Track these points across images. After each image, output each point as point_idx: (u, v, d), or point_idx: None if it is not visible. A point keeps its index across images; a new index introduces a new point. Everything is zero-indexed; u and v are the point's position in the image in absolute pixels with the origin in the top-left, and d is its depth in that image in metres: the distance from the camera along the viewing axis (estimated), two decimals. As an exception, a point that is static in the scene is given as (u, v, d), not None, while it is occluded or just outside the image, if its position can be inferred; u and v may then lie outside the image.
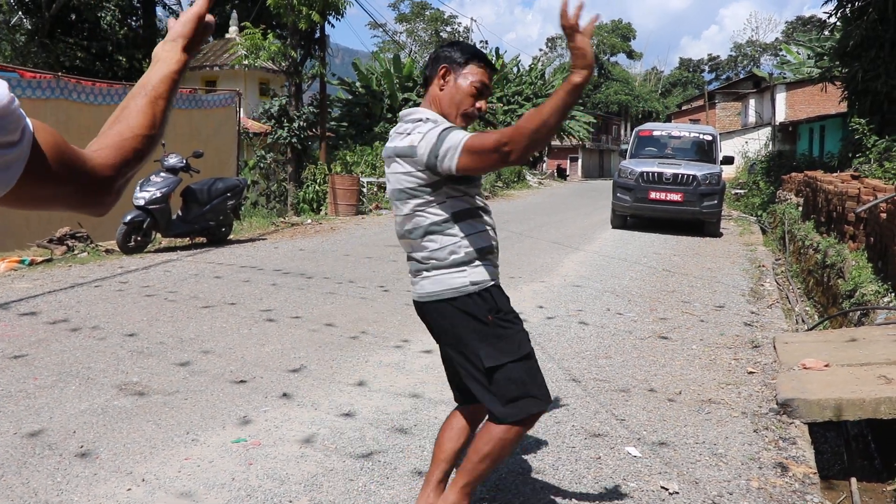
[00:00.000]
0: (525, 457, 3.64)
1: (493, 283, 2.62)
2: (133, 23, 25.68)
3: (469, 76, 2.65)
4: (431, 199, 2.56)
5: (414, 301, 2.72)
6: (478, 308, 2.56)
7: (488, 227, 2.68)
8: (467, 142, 2.42)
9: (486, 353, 2.55)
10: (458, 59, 2.66)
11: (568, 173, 54.22)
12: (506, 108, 37.38)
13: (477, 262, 2.59)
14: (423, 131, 2.53)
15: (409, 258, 2.69)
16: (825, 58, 22.24)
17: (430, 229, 2.58)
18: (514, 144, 2.35)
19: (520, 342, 2.61)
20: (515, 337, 2.60)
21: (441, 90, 2.67)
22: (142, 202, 9.74)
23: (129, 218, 9.70)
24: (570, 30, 2.28)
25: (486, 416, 2.67)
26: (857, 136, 14.49)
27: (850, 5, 15.93)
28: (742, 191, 26.50)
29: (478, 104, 2.67)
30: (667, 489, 3.31)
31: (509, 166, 2.57)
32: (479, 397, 2.61)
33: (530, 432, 3.94)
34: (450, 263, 2.57)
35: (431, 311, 2.64)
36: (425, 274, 2.61)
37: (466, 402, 2.84)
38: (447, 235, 2.57)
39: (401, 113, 2.77)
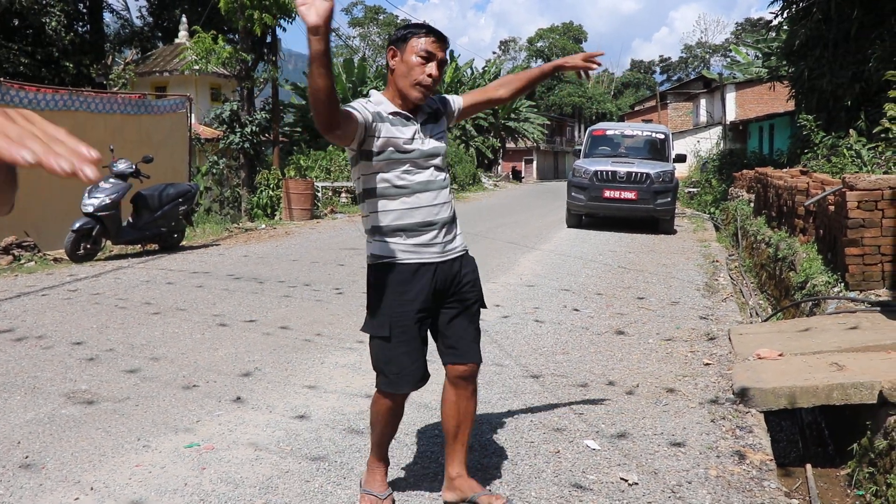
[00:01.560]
0: (483, 453, 3.61)
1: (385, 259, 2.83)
2: (80, 28, 25.14)
3: (413, 48, 2.75)
4: (357, 171, 2.86)
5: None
6: None
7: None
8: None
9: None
10: (400, 36, 2.79)
11: (523, 175, 54.52)
12: (461, 111, 37.46)
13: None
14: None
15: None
16: (772, 58, 22.68)
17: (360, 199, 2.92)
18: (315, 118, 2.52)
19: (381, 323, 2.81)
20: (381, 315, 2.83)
21: (393, 71, 2.79)
22: (90, 209, 9.52)
23: (77, 225, 9.47)
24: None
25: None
26: (804, 133, 14.76)
27: (795, 6, 16.24)
28: (695, 189, 26.87)
29: (427, 70, 2.75)
30: (626, 480, 3.31)
31: (331, 139, 2.72)
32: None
33: (488, 426, 3.92)
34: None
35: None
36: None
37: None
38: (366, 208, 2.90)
39: None
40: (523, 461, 3.51)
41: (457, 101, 3.08)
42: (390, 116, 2.76)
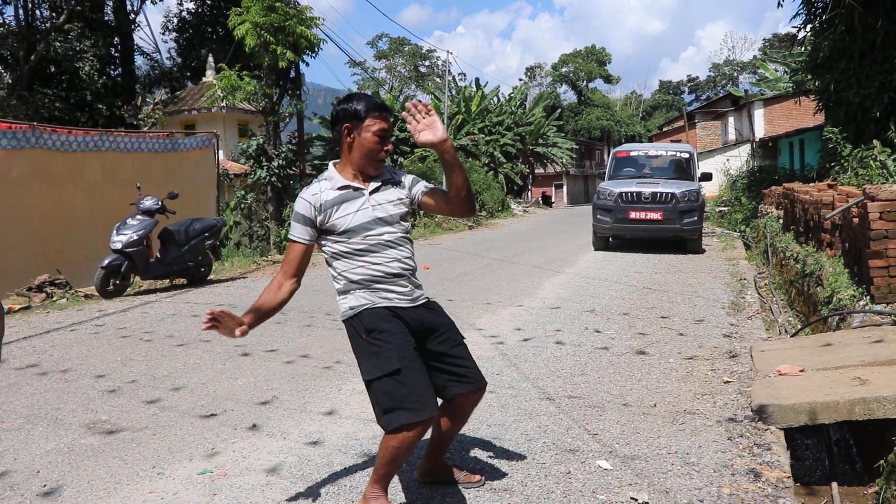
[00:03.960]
0: (494, 474, 3.59)
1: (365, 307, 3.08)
2: (111, 72, 25.76)
3: (370, 128, 3.03)
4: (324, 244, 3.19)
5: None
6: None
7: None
8: (289, 245, 3.23)
9: (363, 368, 3.05)
10: (359, 114, 3.02)
11: (553, 200, 54.45)
12: (488, 138, 37.64)
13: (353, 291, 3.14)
14: (308, 191, 3.11)
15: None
16: (799, 73, 22.47)
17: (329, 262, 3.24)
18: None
19: (388, 359, 2.94)
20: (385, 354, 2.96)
21: (350, 149, 3.07)
22: (119, 245, 9.70)
23: (106, 262, 9.66)
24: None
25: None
26: (831, 146, 14.59)
27: (818, 19, 16.12)
28: (725, 208, 26.61)
29: (384, 147, 3.08)
30: (636, 500, 3.27)
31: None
32: None
33: (500, 447, 3.90)
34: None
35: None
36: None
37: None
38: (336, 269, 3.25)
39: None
40: (533, 482, 3.49)
41: (418, 187, 3.26)
42: (338, 192, 3.07)
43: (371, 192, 3.10)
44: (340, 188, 3.07)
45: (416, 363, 2.97)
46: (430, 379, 3.02)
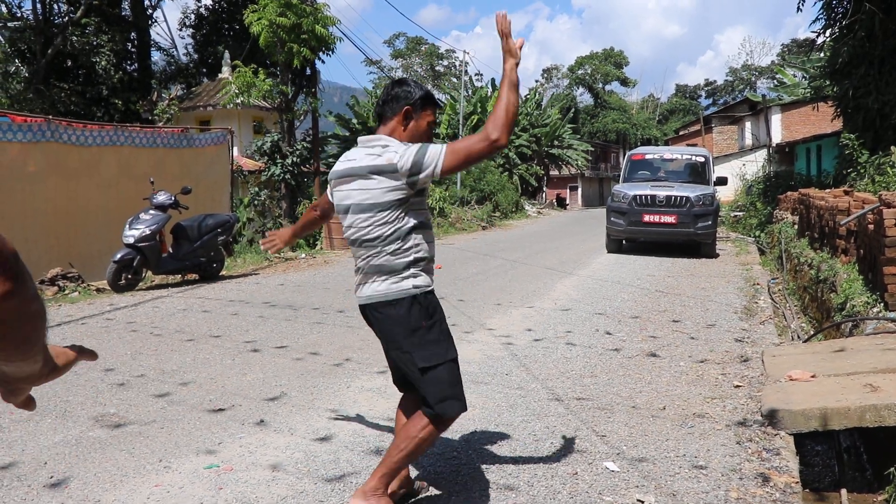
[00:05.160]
0: (500, 474, 3.57)
1: (430, 287, 3.02)
2: (128, 67, 25.89)
3: (426, 118, 3.08)
4: (401, 210, 2.92)
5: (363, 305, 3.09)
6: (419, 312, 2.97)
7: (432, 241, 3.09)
8: (449, 145, 2.87)
9: (420, 355, 2.93)
10: (418, 102, 3.04)
11: (567, 202, 54.33)
12: (503, 138, 37.55)
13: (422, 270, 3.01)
14: (398, 151, 2.88)
15: (367, 264, 2.99)
16: (817, 78, 22.31)
17: (397, 236, 2.93)
18: (499, 131, 2.78)
19: (449, 345, 2.99)
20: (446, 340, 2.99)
21: (404, 128, 3.04)
22: (131, 240, 9.75)
23: (118, 256, 9.70)
24: (503, 35, 2.87)
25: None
26: (847, 152, 14.48)
27: (837, 24, 16.01)
28: (741, 213, 26.45)
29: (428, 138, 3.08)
30: (642, 502, 3.25)
31: (496, 152, 3.04)
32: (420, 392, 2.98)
33: (508, 448, 3.89)
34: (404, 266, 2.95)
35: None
36: (376, 277, 2.97)
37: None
38: (409, 242, 2.96)
39: (362, 138, 3.10)
40: (540, 482, 3.47)
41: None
42: None
43: None
44: None
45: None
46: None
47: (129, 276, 9.85)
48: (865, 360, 4.93)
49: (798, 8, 16.67)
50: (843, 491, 3.95)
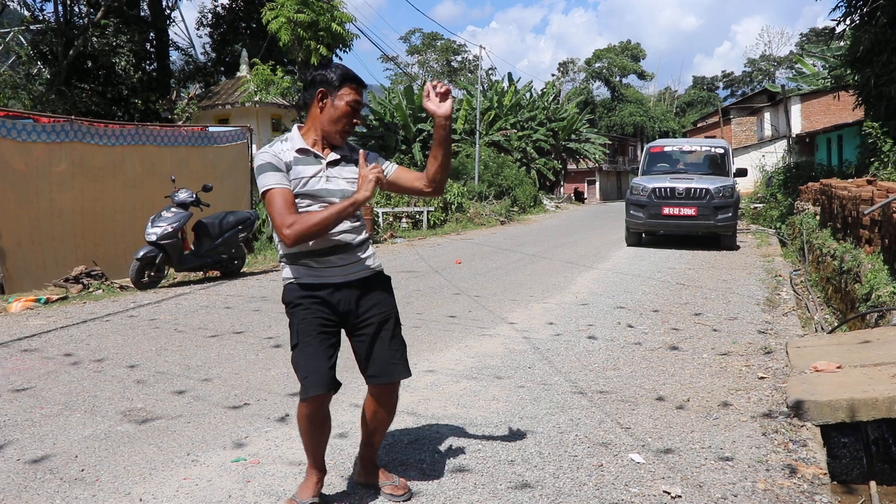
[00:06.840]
0: (525, 466, 3.58)
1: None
2: (147, 66, 26.05)
3: (344, 97, 2.99)
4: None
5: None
6: None
7: None
8: (268, 195, 2.90)
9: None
10: (334, 81, 2.98)
11: (585, 196, 54.19)
12: (520, 133, 37.49)
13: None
14: (259, 155, 3.02)
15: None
16: (838, 67, 22.10)
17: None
18: (292, 231, 2.82)
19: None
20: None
21: (321, 112, 3.02)
22: (153, 238, 9.83)
23: (141, 254, 9.79)
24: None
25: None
26: (870, 141, 14.33)
27: (858, 12, 15.83)
28: (761, 205, 26.25)
29: (354, 120, 3.04)
30: (669, 493, 3.24)
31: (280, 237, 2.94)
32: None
33: (532, 440, 3.89)
34: None
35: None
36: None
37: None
38: None
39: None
40: (565, 474, 3.48)
41: (390, 168, 3.20)
42: (296, 155, 3.00)
43: (329, 164, 3.05)
44: (299, 150, 3.02)
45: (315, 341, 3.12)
46: (326, 359, 3.14)
47: (152, 274, 9.94)
48: (892, 351, 4.89)
49: (818, -4, 16.48)
50: (873, 483, 3.91)
